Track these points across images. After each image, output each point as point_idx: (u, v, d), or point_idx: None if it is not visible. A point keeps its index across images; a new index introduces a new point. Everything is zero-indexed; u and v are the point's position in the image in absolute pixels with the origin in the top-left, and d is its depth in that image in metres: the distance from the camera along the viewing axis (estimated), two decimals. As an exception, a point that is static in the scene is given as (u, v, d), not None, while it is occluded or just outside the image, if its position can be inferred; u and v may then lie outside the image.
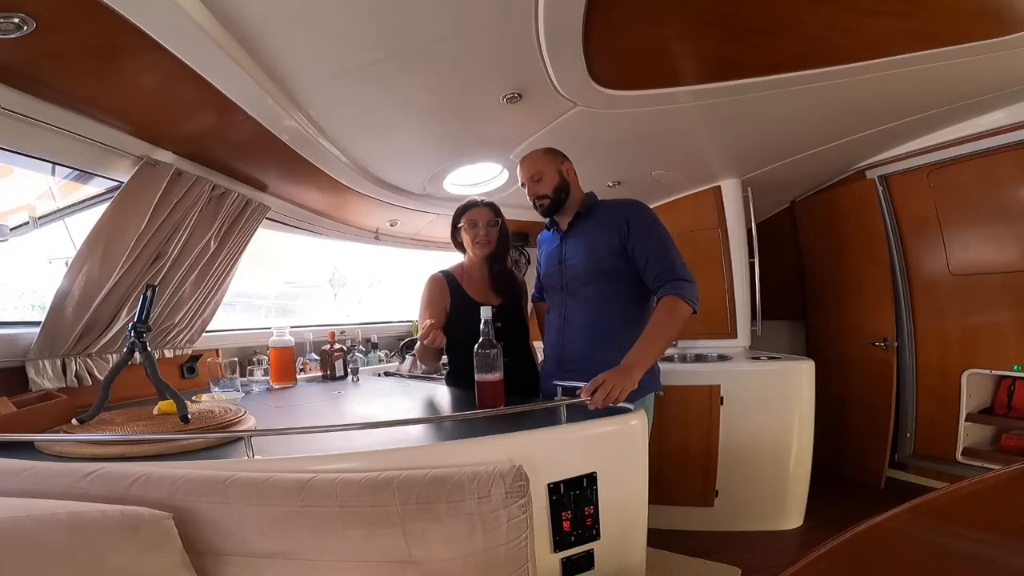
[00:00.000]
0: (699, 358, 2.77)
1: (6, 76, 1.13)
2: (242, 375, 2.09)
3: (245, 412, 1.27)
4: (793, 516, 2.37)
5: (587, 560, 1.05)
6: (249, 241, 2.04)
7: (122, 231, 1.50)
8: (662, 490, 2.26)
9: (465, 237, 1.71)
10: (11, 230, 1.54)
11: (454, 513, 0.83)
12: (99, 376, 1.58)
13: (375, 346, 2.88)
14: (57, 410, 1.30)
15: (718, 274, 2.87)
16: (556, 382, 1.42)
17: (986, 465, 2.41)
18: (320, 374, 2.16)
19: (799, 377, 2.36)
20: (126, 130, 1.46)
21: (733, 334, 2.84)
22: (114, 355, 1.66)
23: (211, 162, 1.73)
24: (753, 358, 2.57)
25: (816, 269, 3.26)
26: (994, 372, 2.50)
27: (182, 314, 1.86)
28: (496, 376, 1.27)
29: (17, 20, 0.93)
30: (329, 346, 2.14)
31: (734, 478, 2.38)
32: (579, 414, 1.14)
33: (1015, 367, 2.40)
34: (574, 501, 1.03)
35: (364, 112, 1.60)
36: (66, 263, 1.52)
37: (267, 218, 2.11)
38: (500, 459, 0.95)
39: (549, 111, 1.72)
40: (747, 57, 1.56)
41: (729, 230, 2.85)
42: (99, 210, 1.56)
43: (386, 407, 1.60)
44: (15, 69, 1.11)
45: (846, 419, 2.91)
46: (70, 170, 1.51)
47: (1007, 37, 1.58)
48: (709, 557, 2.16)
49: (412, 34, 1.23)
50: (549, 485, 1.01)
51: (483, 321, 1.27)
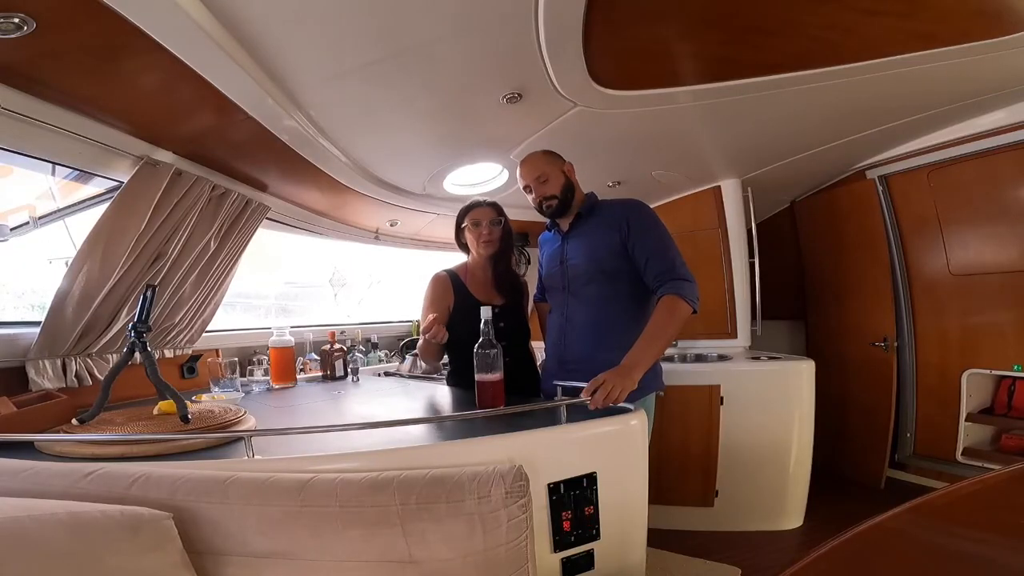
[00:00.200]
0: (699, 358, 2.77)
1: (6, 76, 1.13)
2: (242, 375, 2.09)
3: (245, 412, 1.27)
4: (793, 516, 2.37)
5: (587, 560, 1.05)
6: (249, 241, 2.04)
7: (122, 231, 1.50)
8: (662, 490, 2.26)
9: (469, 236, 1.71)
10: (11, 230, 1.54)
11: (454, 513, 0.83)
12: (99, 376, 1.58)
13: (375, 346, 2.88)
14: (57, 410, 1.30)
15: (718, 274, 2.86)
16: (556, 382, 1.42)
17: (986, 465, 2.41)
18: (320, 374, 2.16)
19: (799, 377, 2.36)
20: (126, 130, 1.46)
21: (733, 334, 2.84)
22: (114, 355, 1.66)
23: (211, 162, 1.73)
24: (753, 358, 2.57)
25: (816, 269, 3.26)
26: (994, 372, 2.50)
27: (182, 314, 1.86)
28: (496, 376, 1.27)
29: (17, 20, 0.93)
30: (329, 346, 2.14)
31: (734, 478, 2.38)
32: (579, 414, 1.14)
33: (1015, 367, 2.40)
34: (574, 501, 1.03)
35: (364, 112, 1.60)
36: (66, 263, 1.52)
37: (267, 218, 2.11)
38: (500, 459, 0.95)
39: (549, 111, 1.72)
40: (747, 57, 1.56)
41: (729, 230, 2.85)
42: (99, 210, 1.56)
43: (386, 407, 1.60)
44: (15, 69, 1.11)
45: (846, 419, 2.91)
46: (70, 170, 1.51)
47: (1007, 37, 1.58)
48: (709, 557, 2.16)
49: (412, 34, 1.23)
50: (549, 485, 1.01)
51: (483, 321, 1.27)
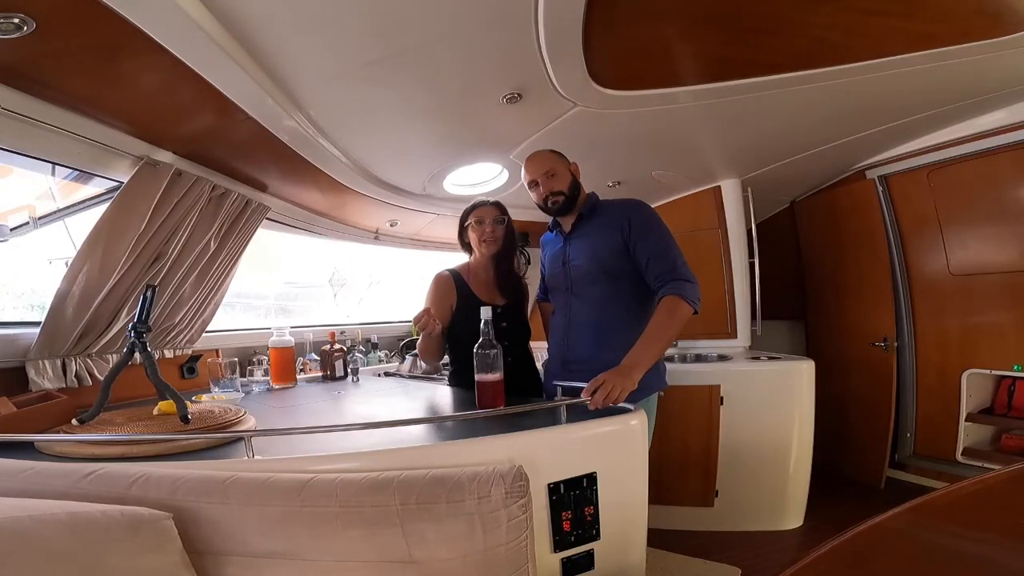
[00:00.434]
0: (699, 358, 2.77)
1: (6, 76, 1.13)
2: (242, 375, 2.09)
3: (245, 412, 1.27)
4: (793, 516, 2.37)
5: (587, 560, 1.05)
6: (249, 241, 2.04)
7: (122, 231, 1.50)
8: (662, 490, 2.26)
9: (472, 235, 1.70)
10: (11, 230, 1.54)
11: (454, 513, 0.83)
12: (99, 376, 1.58)
13: (375, 346, 2.88)
14: (57, 410, 1.30)
15: (718, 274, 2.86)
16: (556, 382, 1.42)
17: (986, 465, 2.41)
18: (320, 374, 2.16)
19: (799, 377, 2.36)
20: (126, 130, 1.45)
21: (733, 334, 2.84)
22: (114, 355, 1.66)
23: (211, 162, 1.73)
24: (753, 358, 2.57)
25: (816, 269, 3.26)
26: (994, 372, 2.50)
27: (182, 314, 1.86)
28: (496, 376, 1.27)
29: (17, 20, 0.93)
30: (329, 346, 2.14)
31: (734, 478, 2.38)
32: (579, 414, 1.14)
33: (1015, 367, 2.40)
34: (574, 501, 1.03)
35: (364, 112, 1.60)
36: (66, 263, 1.52)
37: (267, 218, 2.11)
38: (500, 459, 0.95)
39: (549, 111, 1.72)
40: (747, 57, 1.56)
41: (729, 230, 2.85)
42: (99, 210, 1.56)
43: (386, 407, 1.60)
44: (15, 69, 1.11)
45: (846, 419, 2.91)
46: (70, 170, 1.51)
47: (1007, 37, 1.58)
48: (709, 557, 2.16)
49: (412, 34, 1.23)
50: (549, 485, 1.01)
51: (483, 321, 1.27)
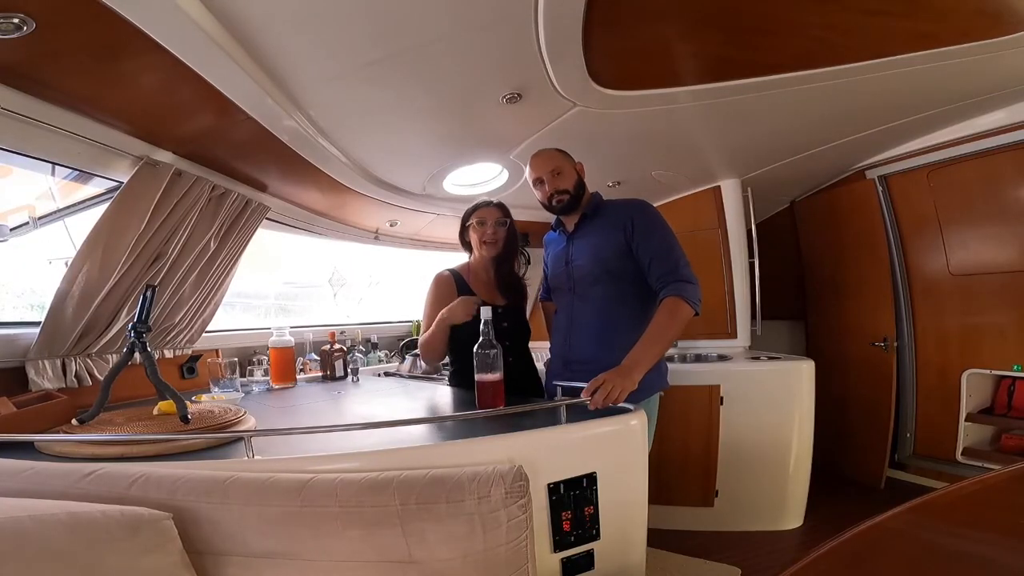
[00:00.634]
0: (699, 358, 2.77)
1: (6, 76, 1.13)
2: (242, 375, 2.09)
3: (245, 412, 1.27)
4: (793, 516, 2.37)
5: (587, 560, 1.05)
6: (249, 241, 2.04)
7: (122, 231, 1.50)
8: (662, 490, 2.26)
9: (473, 236, 1.70)
10: (11, 230, 1.54)
11: (454, 513, 0.83)
12: (99, 376, 1.58)
13: (375, 346, 2.88)
14: (57, 410, 1.29)
15: (718, 274, 2.86)
16: (556, 382, 1.42)
17: (986, 465, 2.41)
18: (320, 374, 2.16)
19: (799, 377, 2.36)
20: (126, 130, 1.45)
21: (733, 334, 2.84)
22: (114, 355, 1.66)
23: (211, 162, 1.73)
24: (753, 358, 2.57)
25: (816, 269, 3.26)
26: (994, 372, 2.50)
27: (182, 314, 1.86)
28: (496, 376, 1.27)
29: (17, 20, 0.93)
30: (329, 346, 2.14)
31: (734, 478, 2.38)
32: (579, 414, 1.14)
33: (1015, 367, 2.40)
34: (574, 501, 1.03)
35: (364, 112, 1.60)
36: (66, 263, 1.52)
37: (267, 218, 2.11)
38: (500, 459, 0.95)
39: (549, 111, 1.72)
40: (747, 57, 1.56)
41: (729, 230, 2.85)
42: (99, 210, 1.56)
43: (386, 407, 1.60)
44: (15, 69, 1.11)
45: (846, 419, 2.91)
46: (70, 170, 1.51)
47: (1007, 37, 1.58)
48: (709, 557, 2.16)
49: (412, 34, 1.23)
50: (549, 485, 1.01)
51: (483, 321, 1.27)
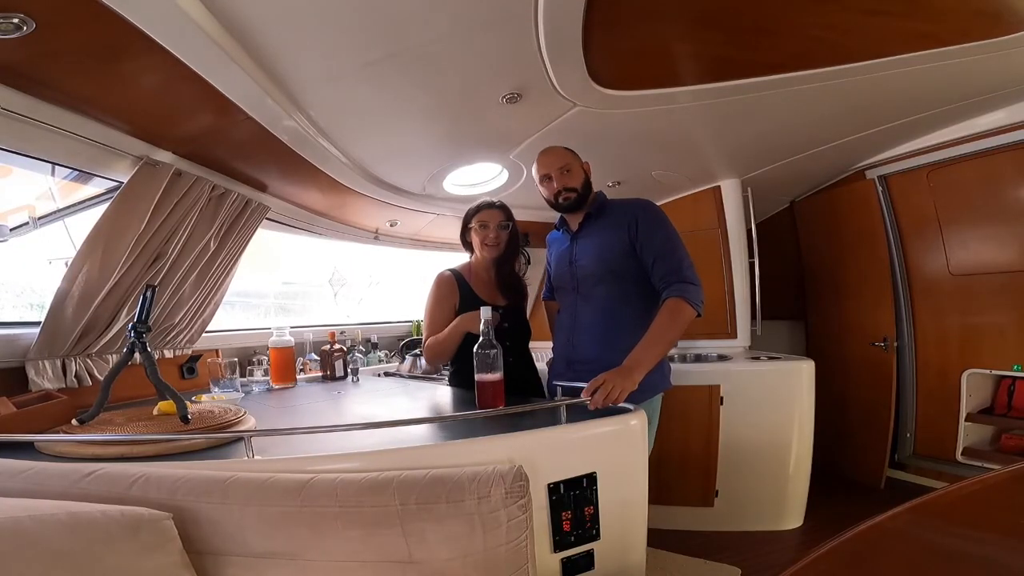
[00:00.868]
0: (699, 358, 2.77)
1: (6, 76, 1.13)
2: (242, 375, 2.09)
3: (245, 412, 1.27)
4: (793, 516, 2.37)
5: (587, 560, 1.05)
6: (249, 241, 2.04)
7: (122, 231, 1.50)
8: (662, 490, 2.25)
9: (475, 238, 1.69)
10: (11, 230, 1.54)
11: (454, 513, 0.83)
12: (99, 376, 1.58)
13: (375, 346, 2.88)
14: (57, 410, 1.29)
15: (718, 274, 2.86)
16: (556, 382, 1.42)
17: (986, 465, 2.41)
18: (320, 374, 2.16)
19: (799, 377, 2.36)
20: (126, 130, 1.45)
21: (733, 334, 2.84)
22: (114, 355, 1.66)
23: (211, 162, 1.73)
24: (753, 358, 2.57)
25: (816, 269, 3.26)
26: (994, 372, 2.50)
27: (182, 314, 1.86)
28: (496, 376, 1.27)
29: (17, 20, 0.93)
30: (329, 346, 2.14)
31: (734, 478, 2.38)
32: (579, 414, 1.14)
33: (1015, 367, 2.40)
34: (574, 501, 1.03)
35: (364, 112, 1.60)
36: (66, 263, 1.52)
37: (267, 218, 2.11)
38: (500, 459, 0.95)
39: (549, 111, 1.72)
40: (747, 57, 1.56)
41: (729, 230, 2.85)
42: (99, 210, 1.56)
43: (386, 407, 1.60)
44: (15, 69, 1.11)
45: (846, 419, 2.91)
46: (70, 170, 1.51)
47: (1007, 37, 1.58)
48: (709, 557, 2.16)
49: (412, 34, 1.23)
50: (549, 485, 1.01)
51: (483, 321, 1.27)
